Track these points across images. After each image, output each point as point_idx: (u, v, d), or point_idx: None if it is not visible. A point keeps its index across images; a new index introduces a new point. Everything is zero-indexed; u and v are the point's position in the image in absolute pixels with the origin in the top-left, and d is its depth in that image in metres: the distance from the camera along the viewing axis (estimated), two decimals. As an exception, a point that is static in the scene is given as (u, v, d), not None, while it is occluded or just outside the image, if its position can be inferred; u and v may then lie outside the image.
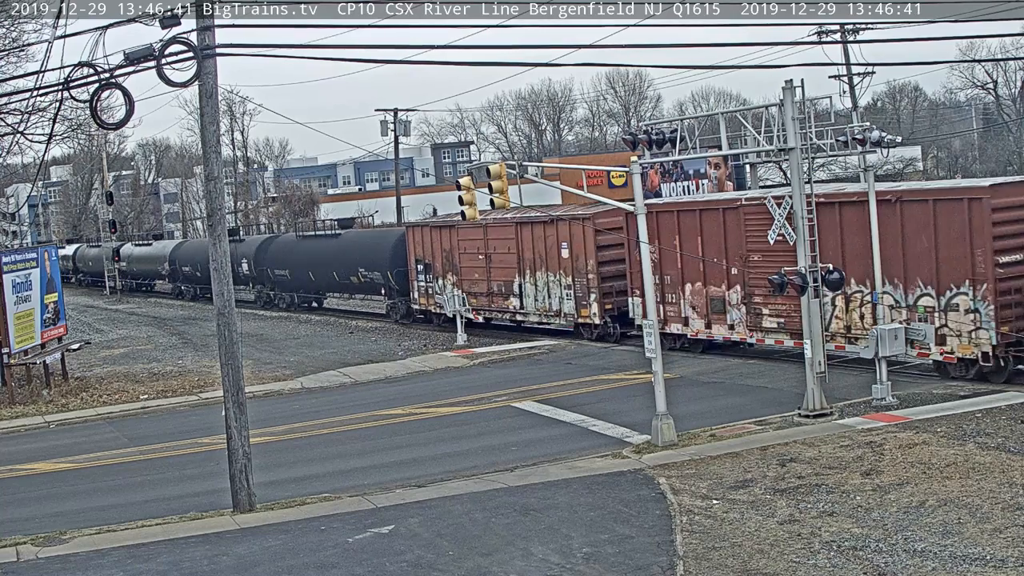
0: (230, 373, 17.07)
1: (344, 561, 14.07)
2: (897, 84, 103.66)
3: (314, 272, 46.96)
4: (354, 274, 43.26)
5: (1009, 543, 12.88)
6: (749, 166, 30.23)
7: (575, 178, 53.94)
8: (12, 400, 28.78)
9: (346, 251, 44.54)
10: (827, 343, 22.54)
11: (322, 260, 45.94)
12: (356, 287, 44.90)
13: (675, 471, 17.38)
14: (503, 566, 13.46)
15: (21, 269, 30.80)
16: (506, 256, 34.89)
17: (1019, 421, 18.57)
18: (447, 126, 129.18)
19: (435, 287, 38.48)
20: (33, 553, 15.41)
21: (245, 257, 51.84)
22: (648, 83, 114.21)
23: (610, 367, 28.29)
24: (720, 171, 46.19)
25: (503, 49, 25.99)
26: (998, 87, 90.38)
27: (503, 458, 19.56)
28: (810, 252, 20.68)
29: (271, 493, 17.79)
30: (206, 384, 29.94)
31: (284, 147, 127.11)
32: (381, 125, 62.73)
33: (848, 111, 49.80)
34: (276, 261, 50.22)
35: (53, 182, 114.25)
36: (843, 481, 15.96)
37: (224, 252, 17.14)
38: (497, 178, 21.23)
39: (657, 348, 19.64)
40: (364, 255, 43.22)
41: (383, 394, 27.54)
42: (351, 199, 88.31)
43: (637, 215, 20.36)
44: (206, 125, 16.96)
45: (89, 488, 20.00)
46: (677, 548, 13.65)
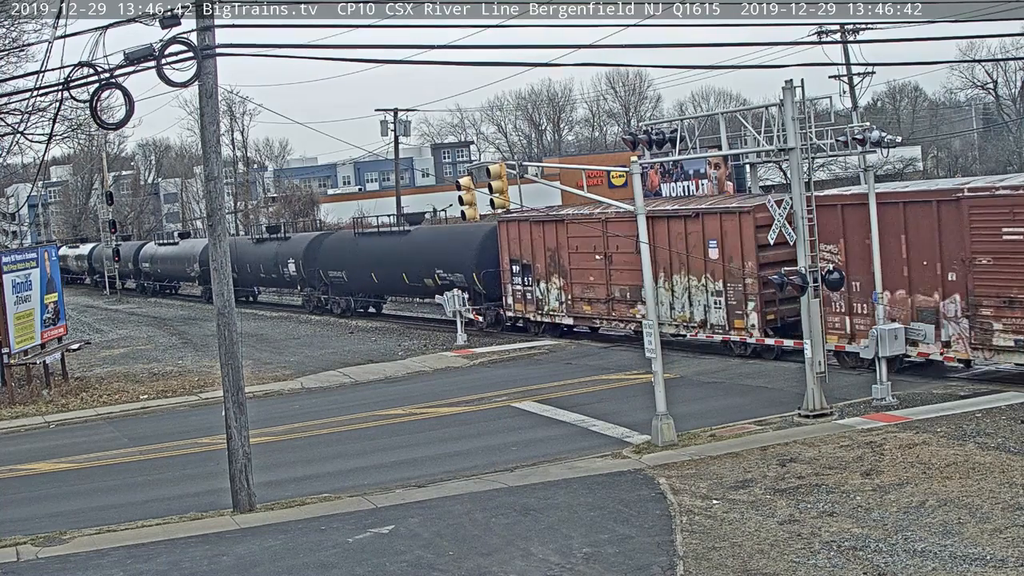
0: (230, 373, 17.08)
1: (344, 561, 14.07)
2: (897, 84, 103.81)
3: (377, 274, 42.12)
4: (429, 276, 38.55)
5: (1009, 543, 12.88)
6: (749, 166, 30.19)
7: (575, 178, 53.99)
8: (12, 400, 28.78)
9: (420, 250, 39.80)
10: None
11: (388, 260, 41.29)
12: (431, 290, 39.17)
13: (675, 471, 17.38)
14: (503, 566, 13.46)
15: (21, 269, 30.80)
16: (634, 256, 28.34)
17: (1019, 421, 18.58)
18: (447, 126, 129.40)
19: (536, 291, 34.46)
20: (33, 553, 15.41)
21: (292, 257, 47.74)
22: (648, 83, 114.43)
23: (610, 367, 28.30)
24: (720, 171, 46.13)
25: (503, 49, 25.95)
26: (998, 87, 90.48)
27: (503, 458, 19.56)
28: (810, 252, 20.68)
29: (271, 493, 17.79)
30: (206, 384, 29.94)
31: (284, 147, 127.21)
32: (381, 125, 62.72)
33: (848, 111, 49.83)
34: (330, 261, 45.44)
35: (53, 182, 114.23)
36: (843, 481, 15.96)
37: (224, 252, 17.15)
38: (497, 178, 21.26)
39: (657, 348, 19.63)
40: (443, 254, 38.33)
41: (383, 394, 27.54)
42: (351, 199, 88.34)
43: (637, 215, 20.36)
44: (206, 125, 16.96)
45: (89, 488, 20.00)
46: (677, 548, 13.64)
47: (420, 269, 39.07)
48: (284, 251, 48.67)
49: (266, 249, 50.81)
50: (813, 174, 22.49)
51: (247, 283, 53.94)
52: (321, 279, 46.42)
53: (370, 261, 42.49)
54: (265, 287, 56.68)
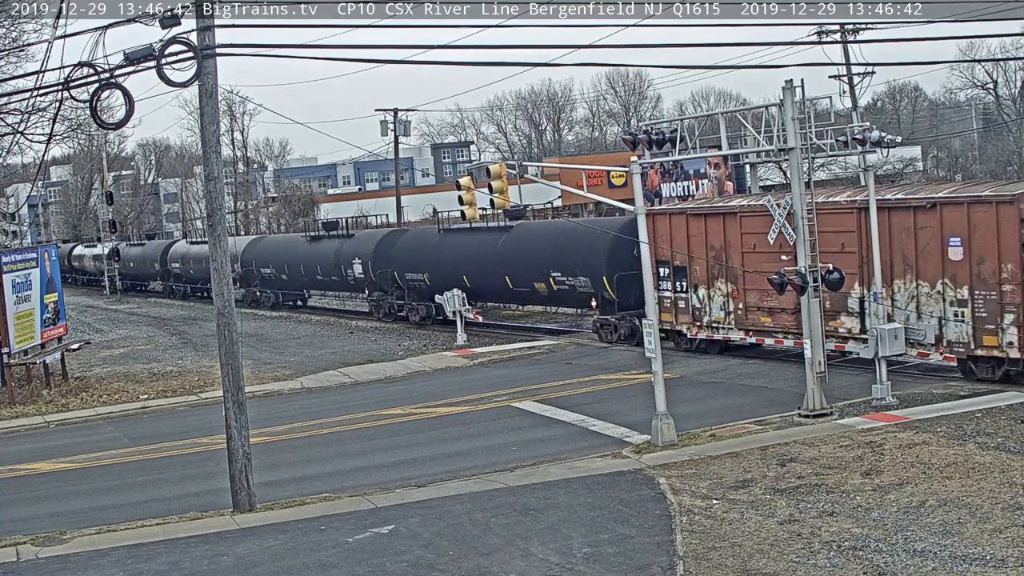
0: (230, 373, 17.08)
1: (344, 561, 14.07)
2: (897, 84, 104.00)
3: (470, 276, 36.90)
4: (541, 279, 33.67)
5: (1009, 543, 12.88)
6: (749, 166, 30.19)
7: (575, 178, 54.05)
8: (12, 400, 28.78)
9: (528, 249, 34.81)
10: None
11: (484, 261, 36.41)
12: (542, 297, 35.00)
13: (675, 471, 17.38)
14: (503, 566, 13.46)
15: (21, 269, 30.81)
16: (836, 256, 23.58)
17: (1019, 421, 18.58)
18: (447, 126, 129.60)
19: (692, 299, 28.77)
20: (33, 553, 15.41)
21: (358, 257, 42.96)
22: (648, 83, 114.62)
23: (610, 367, 28.29)
24: (720, 171, 46.17)
25: (503, 49, 25.92)
26: (998, 87, 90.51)
27: (503, 458, 19.56)
28: (810, 252, 20.68)
29: (271, 493, 17.79)
30: (206, 384, 29.94)
31: (284, 147, 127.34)
32: (381, 125, 62.70)
33: (848, 111, 49.84)
34: (407, 262, 40.60)
35: (53, 182, 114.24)
36: (843, 481, 15.96)
37: (224, 252, 17.16)
38: (497, 178, 21.28)
39: (657, 348, 19.63)
40: (561, 254, 33.13)
41: (383, 394, 27.54)
42: (351, 199, 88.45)
43: (636, 215, 20.37)
44: (206, 125, 16.96)
45: (89, 488, 20.00)
46: (677, 548, 13.64)
47: (528, 272, 34.25)
48: (348, 250, 43.66)
49: (323, 248, 46.20)
50: (813, 174, 22.49)
51: (296, 286, 50.19)
52: (395, 282, 41.63)
53: (460, 262, 37.56)
54: (320, 290, 50.83)
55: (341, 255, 44.38)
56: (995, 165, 75.39)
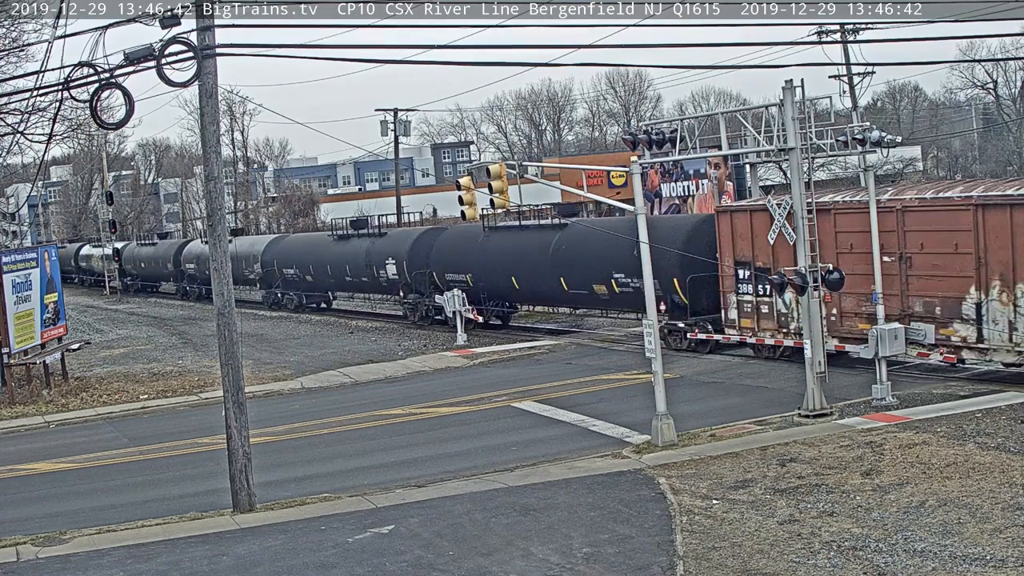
0: (230, 373, 17.08)
1: (344, 561, 14.06)
2: (897, 84, 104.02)
3: (519, 277, 34.81)
4: (600, 281, 31.41)
5: (1009, 543, 12.88)
6: (749, 166, 30.18)
7: (575, 178, 54.04)
8: (12, 400, 28.78)
9: (586, 249, 32.14)
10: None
11: (535, 261, 34.04)
12: (602, 300, 32.67)
13: (675, 471, 17.38)
14: (503, 566, 13.46)
15: (21, 269, 30.81)
16: (950, 258, 22.23)
17: (1019, 421, 18.58)
18: (447, 126, 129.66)
19: (777, 304, 26.51)
20: (33, 553, 15.41)
21: (392, 256, 40.38)
22: (648, 83, 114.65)
23: (610, 367, 28.29)
24: (720, 171, 46.18)
25: (503, 49, 25.94)
26: (998, 87, 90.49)
27: (503, 458, 19.57)
28: (810, 252, 20.69)
29: (271, 493, 17.79)
30: (206, 384, 29.95)
31: (284, 147, 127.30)
32: (381, 125, 62.75)
33: (848, 111, 49.84)
34: (447, 262, 38.07)
35: (53, 182, 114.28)
36: (843, 481, 15.96)
37: (224, 252, 17.16)
38: (497, 178, 21.29)
39: (657, 348, 19.64)
40: (625, 255, 29.43)
41: (383, 394, 27.54)
42: (351, 199, 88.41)
43: (636, 215, 20.36)
44: (206, 125, 16.96)
45: (89, 488, 19.99)
46: (677, 548, 13.65)
47: (586, 273, 31.96)
48: (379, 249, 41.16)
49: (353, 247, 43.63)
50: (813, 174, 22.49)
51: (322, 287, 47.85)
52: (433, 283, 38.88)
53: (508, 261, 35.31)
54: (348, 292, 48.69)
55: (372, 255, 41.85)
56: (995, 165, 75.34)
